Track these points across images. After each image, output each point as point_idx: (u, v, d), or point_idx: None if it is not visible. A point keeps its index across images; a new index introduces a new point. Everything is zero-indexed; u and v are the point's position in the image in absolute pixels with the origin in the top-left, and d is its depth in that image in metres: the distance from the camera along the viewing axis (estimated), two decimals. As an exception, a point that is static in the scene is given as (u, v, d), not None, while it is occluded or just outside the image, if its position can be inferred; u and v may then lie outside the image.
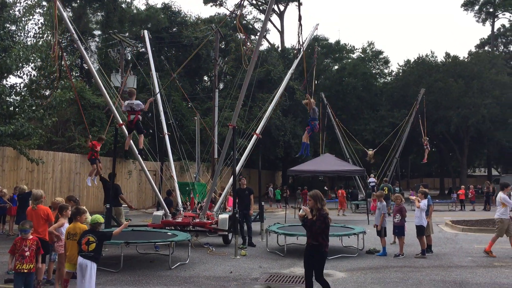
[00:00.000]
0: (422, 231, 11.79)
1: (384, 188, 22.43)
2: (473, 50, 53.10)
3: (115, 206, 13.51)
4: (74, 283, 7.86)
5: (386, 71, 52.99)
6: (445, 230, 17.65)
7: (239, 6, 13.42)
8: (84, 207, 8.24)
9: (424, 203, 11.96)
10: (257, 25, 52.37)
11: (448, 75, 42.06)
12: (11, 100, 18.07)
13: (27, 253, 6.94)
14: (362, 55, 51.87)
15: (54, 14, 11.10)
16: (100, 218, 7.41)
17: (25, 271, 6.94)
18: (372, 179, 27.91)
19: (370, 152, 28.88)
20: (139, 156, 14.10)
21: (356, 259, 11.36)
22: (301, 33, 11.08)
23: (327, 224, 6.87)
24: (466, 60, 45.09)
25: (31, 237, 7.17)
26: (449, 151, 50.21)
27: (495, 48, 54.38)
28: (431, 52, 64.43)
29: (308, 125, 13.37)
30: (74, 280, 7.91)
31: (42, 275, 8.22)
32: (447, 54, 45.58)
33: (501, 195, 11.84)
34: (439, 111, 40.85)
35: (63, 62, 11.44)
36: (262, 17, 52.08)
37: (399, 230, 12.05)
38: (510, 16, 54.50)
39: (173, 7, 38.69)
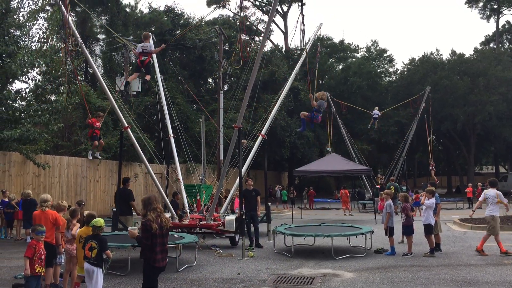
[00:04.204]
0: (430, 229, 11.70)
1: (391, 187, 22.31)
2: (478, 47, 52.84)
3: (125, 214, 13.23)
4: (84, 286, 7.89)
5: (391, 69, 52.91)
6: (453, 229, 17.53)
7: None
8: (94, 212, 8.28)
9: (431, 201, 11.89)
10: (261, 26, 52.38)
11: (453, 73, 41.88)
12: (16, 105, 18.13)
13: (43, 256, 7.03)
14: (367, 54, 51.74)
15: (62, 17, 11.08)
16: (98, 221, 7.15)
17: (43, 274, 7.00)
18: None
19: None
20: (145, 159, 14.10)
21: (364, 259, 11.29)
22: (303, 33, 11.07)
23: (150, 233, 5.70)
24: (471, 57, 44.82)
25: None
26: (456, 149, 49.98)
27: (500, 45, 54.06)
28: (436, 49, 64.43)
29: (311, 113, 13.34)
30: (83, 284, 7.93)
31: (50, 279, 8.23)
32: (453, 52, 45.35)
33: (496, 192, 11.71)
34: (445, 109, 40.65)
35: (70, 64, 11.46)
36: (265, 18, 52.14)
37: (407, 229, 12.02)
38: (514, 12, 54.27)
39: (176, 9, 38.78)
